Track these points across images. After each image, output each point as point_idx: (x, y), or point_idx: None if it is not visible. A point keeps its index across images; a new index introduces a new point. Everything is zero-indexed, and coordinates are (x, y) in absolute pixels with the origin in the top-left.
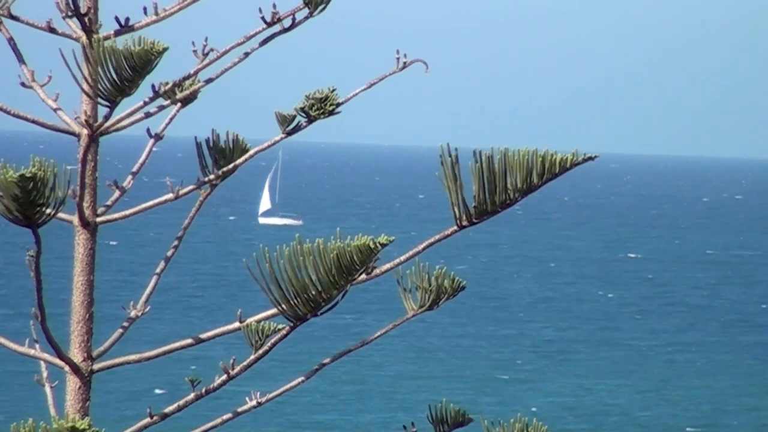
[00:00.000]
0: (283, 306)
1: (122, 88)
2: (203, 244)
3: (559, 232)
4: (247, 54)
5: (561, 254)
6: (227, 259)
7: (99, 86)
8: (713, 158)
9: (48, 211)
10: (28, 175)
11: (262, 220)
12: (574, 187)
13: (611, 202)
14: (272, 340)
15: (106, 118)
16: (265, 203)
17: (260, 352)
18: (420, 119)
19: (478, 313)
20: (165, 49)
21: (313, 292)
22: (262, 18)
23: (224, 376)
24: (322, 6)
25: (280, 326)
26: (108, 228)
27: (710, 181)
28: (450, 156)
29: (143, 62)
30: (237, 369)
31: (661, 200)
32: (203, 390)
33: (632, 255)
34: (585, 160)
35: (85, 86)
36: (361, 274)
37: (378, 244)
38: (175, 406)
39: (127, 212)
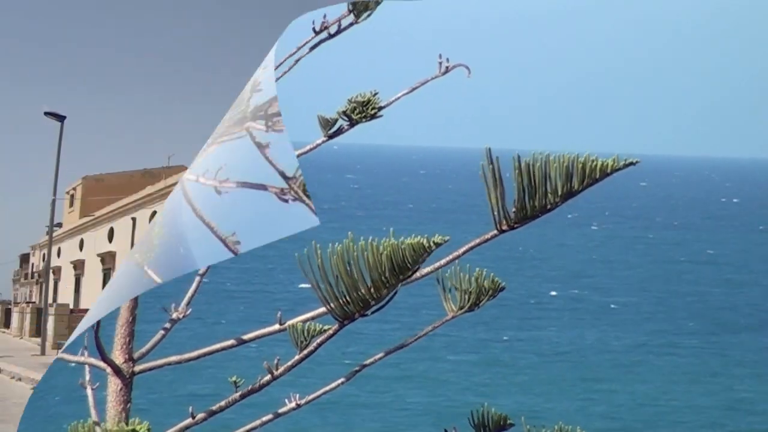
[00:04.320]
0: (332, 304)
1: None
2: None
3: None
4: (296, 61)
5: None
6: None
7: None
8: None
9: None
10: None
11: None
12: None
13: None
14: (318, 340)
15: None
16: None
17: (305, 352)
18: (416, 119)
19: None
20: None
21: (363, 291)
22: (313, 28)
23: (268, 376)
24: (368, 12)
25: (326, 327)
26: None
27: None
28: (492, 162)
29: None
30: (281, 369)
31: None
32: (248, 388)
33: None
34: (626, 166)
35: None
36: (413, 273)
37: (433, 243)
38: (217, 406)
39: None
